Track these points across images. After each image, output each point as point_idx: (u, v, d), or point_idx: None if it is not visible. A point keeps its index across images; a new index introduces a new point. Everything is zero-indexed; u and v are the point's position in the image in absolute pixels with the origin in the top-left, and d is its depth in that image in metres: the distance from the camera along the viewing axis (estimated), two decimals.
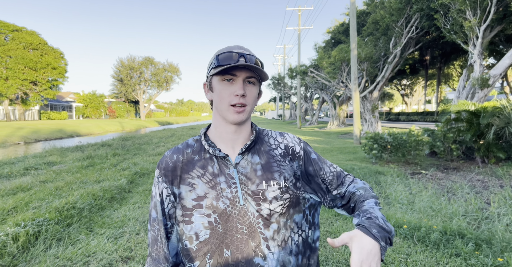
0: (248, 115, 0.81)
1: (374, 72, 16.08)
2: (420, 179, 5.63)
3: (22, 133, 19.22)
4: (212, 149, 0.81)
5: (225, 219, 0.77)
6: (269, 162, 0.83)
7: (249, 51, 0.80)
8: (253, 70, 0.78)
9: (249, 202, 0.78)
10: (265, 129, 0.92)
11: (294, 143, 0.89)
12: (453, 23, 10.32)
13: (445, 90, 39.30)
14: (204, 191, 0.79)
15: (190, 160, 0.83)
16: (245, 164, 0.81)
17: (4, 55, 28.87)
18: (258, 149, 0.84)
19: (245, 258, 0.76)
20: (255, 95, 0.81)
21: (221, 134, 0.83)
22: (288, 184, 0.82)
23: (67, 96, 50.21)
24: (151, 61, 48.41)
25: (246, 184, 0.79)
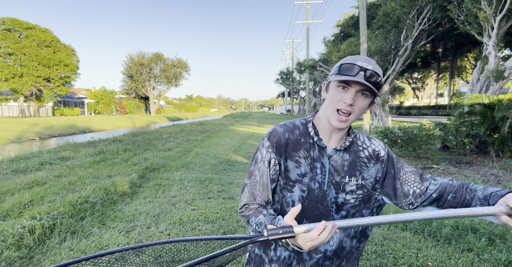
0: (350, 122, 0.91)
1: (384, 65, 15.78)
2: (431, 173, 5.54)
3: (37, 129, 19.71)
4: (317, 138, 0.96)
5: (311, 197, 0.94)
6: (354, 161, 0.96)
7: (373, 65, 0.87)
8: (367, 85, 0.85)
9: (331, 189, 0.94)
10: (354, 132, 1.01)
11: (380, 148, 1.00)
12: (467, 13, 10.00)
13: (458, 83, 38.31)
14: (306, 170, 0.95)
15: (298, 141, 0.97)
16: (337, 158, 0.95)
17: (19, 52, 29.48)
18: (349, 148, 0.97)
19: None
20: (363, 106, 0.90)
21: (324, 127, 0.96)
22: (365, 183, 0.96)
23: (79, 92, 51.09)
24: (160, 57, 48.68)
25: (333, 174, 0.94)
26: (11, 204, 3.85)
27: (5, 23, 29.20)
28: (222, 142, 11.73)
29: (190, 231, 3.30)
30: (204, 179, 5.67)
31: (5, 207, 3.76)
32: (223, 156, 8.38)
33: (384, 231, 3.11)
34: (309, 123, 0.98)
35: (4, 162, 7.66)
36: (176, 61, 49.64)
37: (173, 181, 5.57)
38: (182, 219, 3.62)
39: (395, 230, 3.15)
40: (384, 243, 2.87)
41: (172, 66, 49.42)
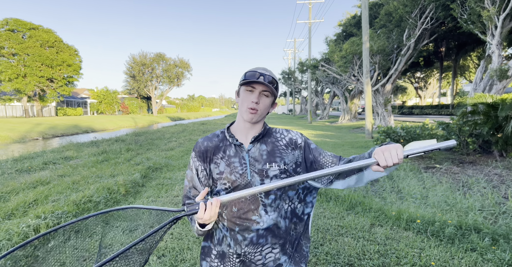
0: (258, 117, 1.10)
1: (386, 65, 15.73)
2: (434, 173, 5.52)
3: (40, 129, 19.82)
4: (232, 139, 1.14)
5: (234, 187, 1.10)
6: (273, 150, 1.13)
7: (269, 73, 1.10)
8: (267, 86, 1.07)
9: (255, 178, 1.09)
10: (276, 128, 1.22)
11: (297, 137, 1.18)
12: (470, 12, 9.95)
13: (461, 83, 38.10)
14: (224, 168, 1.12)
15: (216, 146, 1.16)
16: (254, 150, 1.13)
17: (22, 53, 29.65)
18: (266, 140, 1.15)
19: (246, 214, 1.09)
20: (267, 104, 1.11)
21: (240, 128, 1.16)
22: (288, 168, 1.12)
23: (82, 92, 51.30)
24: (163, 57, 48.77)
25: (254, 164, 1.10)
26: (16, 203, 3.89)
27: (8, 23, 29.37)
28: None
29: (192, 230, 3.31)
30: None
31: (10, 206, 3.79)
32: None
33: (387, 230, 3.11)
34: (226, 129, 1.17)
35: (9, 161, 7.72)
36: (178, 61, 49.71)
37: (175, 180, 5.58)
38: (185, 218, 3.63)
39: (398, 230, 3.15)
40: (387, 242, 2.87)
41: (174, 66, 49.49)
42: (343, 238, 2.99)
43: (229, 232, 1.11)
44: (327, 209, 3.83)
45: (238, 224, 1.09)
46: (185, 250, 2.85)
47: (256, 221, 1.09)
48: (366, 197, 4.20)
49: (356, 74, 17.15)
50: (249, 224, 1.08)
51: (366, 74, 12.30)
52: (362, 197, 4.13)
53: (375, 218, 3.45)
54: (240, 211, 1.09)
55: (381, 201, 4.15)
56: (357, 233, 3.08)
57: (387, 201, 4.13)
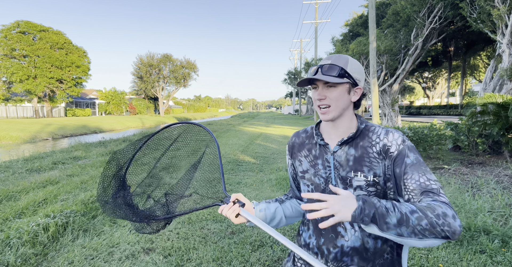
0: (334, 113, 0.96)
1: (394, 65, 15.58)
2: (442, 174, 5.45)
3: (50, 129, 20.16)
4: (317, 137, 1.04)
5: (319, 192, 1.01)
6: (362, 156, 0.95)
7: (332, 59, 0.95)
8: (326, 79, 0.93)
9: (338, 184, 0.98)
10: (375, 126, 1.00)
11: (393, 143, 0.92)
12: (480, 11, 9.80)
13: (470, 82, 37.52)
14: (307, 167, 1.05)
15: (302, 142, 1.10)
16: (341, 153, 0.98)
17: (33, 54, 30.22)
18: (357, 143, 0.97)
19: (331, 226, 0.97)
20: (336, 96, 0.95)
21: (325, 127, 1.05)
22: (378, 180, 0.93)
23: (91, 93, 52.01)
24: (169, 58, 49.14)
25: (338, 169, 0.98)
26: (26, 202, 3.96)
27: (20, 26, 29.97)
28: (230, 142, 11.77)
29: (198, 230, 3.33)
30: (212, 179, 5.70)
31: (20, 205, 3.87)
32: (231, 156, 8.42)
33: None
34: (314, 126, 1.08)
35: (19, 161, 7.87)
36: (184, 62, 50.03)
37: None
38: (190, 218, 3.65)
39: None
40: None
41: (180, 67, 49.83)
42: None
43: (316, 240, 1.02)
44: None
45: (323, 235, 0.99)
46: (191, 250, 2.86)
47: (341, 234, 0.96)
48: None
49: None
50: (334, 236, 0.97)
51: (373, 74, 12.21)
52: None
53: None
54: (324, 219, 0.95)
55: None
56: None
57: None
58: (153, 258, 2.69)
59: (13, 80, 29.26)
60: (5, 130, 17.54)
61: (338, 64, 0.94)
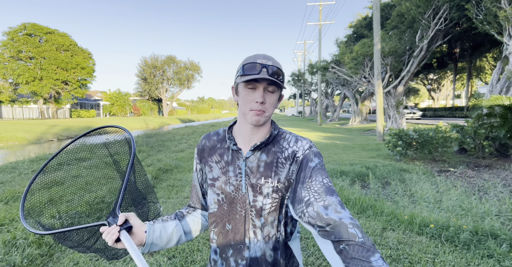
0: (265, 118, 0.90)
1: (398, 66, 15.52)
2: (448, 177, 5.39)
3: (55, 131, 20.34)
4: (229, 142, 0.96)
5: (229, 200, 0.94)
6: (272, 162, 0.92)
7: (272, 61, 0.88)
8: (273, 81, 0.86)
9: (248, 192, 0.92)
10: (286, 133, 0.98)
11: (300, 149, 0.92)
12: (486, 13, 9.73)
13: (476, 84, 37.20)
14: (218, 174, 0.97)
15: (213, 146, 1.00)
16: (253, 159, 0.93)
17: (39, 56, 30.59)
18: (269, 149, 0.94)
19: (239, 235, 0.93)
20: (273, 102, 0.90)
21: (241, 130, 0.96)
22: (280, 186, 0.91)
23: (95, 94, 52.43)
24: (173, 60, 49.43)
25: (249, 176, 0.92)
26: (32, 203, 3.99)
27: (26, 28, 30.35)
28: None
29: (202, 231, 3.33)
30: None
31: (26, 206, 3.89)
32: None
33: (399, 235, 3.06)
34: (228, 129, 0.99)
35: (25, 162, 7.94)
36: (188, 64, 50.28)
37: (185, 182, 5.63)
38: None
39: (411, 234, 3.09)
40: (399, 247, 2.82)
41: (184, 69, 50.08)
42: None
43: (219, 255, 0.95)
44: None
45: (231, 246, 0.93)
46: (195, 251, 2.86)
47: (247, 245, 0.92)
48: (377, 201, 4.13)
49: (367, 76, 16.96)
50: (242, 247, 0.92)
51: (378, 76, 12.16)
52: (373, 200, 4.07)
53: (387, 222, 3.39)
54: (234, 229, 0.93)
55: (393, 204, 4.08)
56: None
57: (399, 205, 4.06)
58: (157, 260, 2.69)
59: (20, 81, 29.61)
60: (11, 131, 17.73)
61: (281, 68, 0.89)
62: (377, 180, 5.36)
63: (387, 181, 5.31)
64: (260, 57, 0.88)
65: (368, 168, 6.01)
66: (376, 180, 5.33)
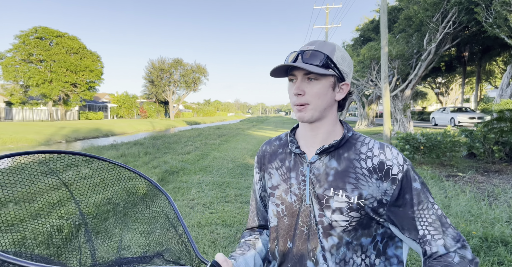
0: (313, 112, 0.76)
1: (406, 70, 15.41)
2: (456, 182, 5.31)
3: (64, 132, 20.64)
4: (291, 145, 0.83)
5: (291, 213, 0.81)
6: (347, 170, 0.76)
7: (317, 46, 0.75)
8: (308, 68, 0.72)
9: (313, 204, 0.77)
10: (364, 136, 0.81)
11: (394, 162, 0.74)
12: (496, 16, 9.62)
13: (485, 88, 36.69)
14: (278, 182, 0.85)
15: (274, 151, 0.89)
16: (319, 165, 0.78)
17: (49, 59, 31.21)
18: (340, 154, 0.78)
19: (300, 256, 0.79)
20: (317, 91, 0.74)
21: (302, 131, 0.84)
22: (364, 203, 0.73)
23: (103, 97, 53.14)
24: (180, 63, 49.91)
25: (314, 185, 0.78)
26: (41, 204, 4.05)
27: (37, 31, 31.04)
28: (239, 146, 11.80)
29: (208, 234, 3.33)
30: (221, 183, 5.72)
31: (36, 207, 3.96)
32: (240, 160, 8.43)
33: None
34: (289, 132, 0.87)
35: None
36: (195, 67, 50.72)
37: (191, 184, 5.65)
38: (200, 222, 3.66)
39: None
40: None
41: (191, 71, 50.52)
42: None
43: None
44: None
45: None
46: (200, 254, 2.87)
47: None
48: None
49: (374, 79, 16.87)
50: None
51: (385, 79, 12.09)
52: None
53: None
54: (296, 248, 0.79)
55: None
56: None
57: None
58: None
59: (30, 84, 30.21)
60: (22, 132, 18.05)
61: (323, 51, 0.74)
62: None
63: None
64: (307, 44, 0.77)
65: None
66: None
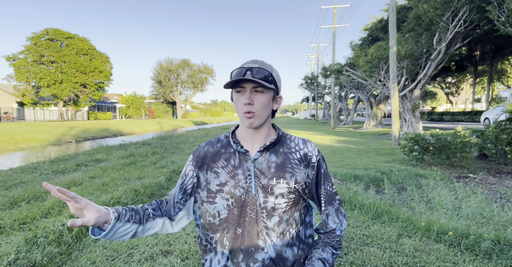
0: (259, 120, 0.92)
1: (415, 69, 15.20)
2: (467, 183, 5.22)
3: (74, 132, 20.98)
4: (236, 145, 0.96)
5: (240, 204, 0.93)
6: (284, 162, 0.94)
7: (260, 63, 0.92)
8: (257, 82, 0.87)
9: (259, 193, 0.92)
10: (289, 134, 1.02)
11: (313, 153, 0.98)
12: (508, 14, 9.42)
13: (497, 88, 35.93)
14: (226, 179, 0.95)
15: (217, 152, 0.99)
16: (262, 161, 0.94)
17: (60, 60, 31.75)
18: (277, 150, 0.96)
19: (251, 238, 0.92)
20: (264, 102, 0.91)
21: (244, 134, 0.97)
22: (298, 187, 0.94)
23: (112, 97, 53.82)
24: (187, 63, 50.20)
25: (259, 177, 0.93)
26: (52, 203, 4.12)
27: (48, 33, 31.60)
28: None
29: None
30: None
31: (46, 206, 4.03)
32: None
33: (416, 242, 2.98)
34: (230, 134, 1.00)
35: (46, 163, 8.22)
36: (202, 67, 50.96)
37: None
38: None
39: (428, 242, 3.00)
40: (416, 254, 2.74)
41: (198, 72, 50.77)
42: (369, 248, 2.89)
43: (231, 260, 0.93)
44: (351, 217, 3.73)
45: (241, 250, 0.92)
46: None
47: (261, 247, 0.91)
48: (393, 206, 4.04)
49: (382, 79, 16.70)
50: (254, 250, 0.91)
51: (393, 79, 11.95)
52: (388, 206, 3.99)
53: (403, 229, 3.31)
54: (244, 232, 0.92)
55: (409, 210, 3.98)
56: (383, 244, 2.97)
57: (415, 211, 3.95)
58: (171, 261, 2.72)
59: (41, 85, 30.78)
60: (33, 132, 18.42)
61: (267, 69, 0.91)
62: (392, 185, 5.25)
63: (403, 187, 5.19)
64: (248, 63, 0.92)
65: (383, 173, 5.89)
66: (391, 185, 5.22)
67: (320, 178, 0.98)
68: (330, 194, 1.00)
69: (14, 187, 5.47)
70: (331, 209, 0.99)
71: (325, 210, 0.99)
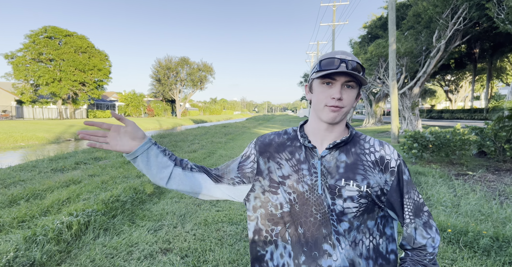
0: (342, 116, 0.86)
1: (414, 67, 15.19)
2: (466, 180, 5.23)
3: (73, 130, 20.94)
4: (303, 139, 0.91)
5: (302, 201, 0.87)
6: (356, 163, 0.87)
7: (352, 57, 0.85)
8: (353, 75, 0.82)
9: (326, 194, 0.86)
10: (364, 135, 0.95)
11: (391, 157, 0.89)
12: (508, 12, 9.40)
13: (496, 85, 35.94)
14: (289, 172, 0.90)
15: (282, 143, 0.95)
16: (330, 159, 0.88)
17: (58, 58, 31.60)
18: (348, 149, 0.89)
19: (315, 241, 0.84)
20: (352, 98, 0.86)
21: (314, 129, 0.92)
22: (371, 191, 0.85)
23: (111, 95, 53.69)
24: (187, 61, 50.04)
25: (326, 176, 0.87)
26: (51, 201, 4.12)
27: (47, 31, 31.42)
28: (245, 145, 11.79)
29: (214, 231, 3.35)
30: None
31: (45, 204, 4.03)
32: None
33: None
34: (299, 128, 0.95)
35: (45, 161, 8.21)
36: (201, 65, 50.79)
37: None
38: (207, 220, 3.68)
39: None
40: None
41: (197, 70, 50.61)
42: None
43: (292, 259, 0.86)
44: None
45: (304, 252, 0.84)
46: (207, 251, 2.88)
47: (328, 252, 0.83)
48: None
49: (382, 77, 16.69)
50: (318, 255, 0.83)
51: (392, 77, 11.94)
52: None
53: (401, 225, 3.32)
54: (307, 233, 0.85)
55: None
56: None
57: None
58: (170, 259, 2.73)
59: (40, 83, 30.65)
60: (32, 131, 18.38)
61: (359, 62, 0.85)
62: None
63: None
64: (338, 53, 0.85)
65: None
66: None
67: (403, 186, 0.88)
68: (417, 204, 0.89)
69: (13, 185, 5.46)
70: (418, 222, 0.88)
71: (412, 223, 0.88)
